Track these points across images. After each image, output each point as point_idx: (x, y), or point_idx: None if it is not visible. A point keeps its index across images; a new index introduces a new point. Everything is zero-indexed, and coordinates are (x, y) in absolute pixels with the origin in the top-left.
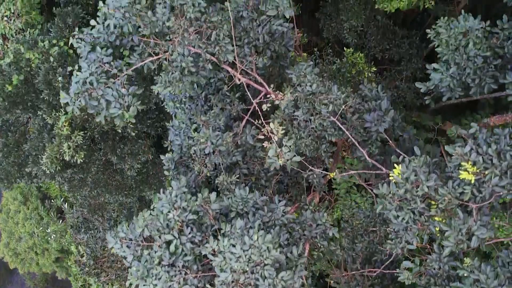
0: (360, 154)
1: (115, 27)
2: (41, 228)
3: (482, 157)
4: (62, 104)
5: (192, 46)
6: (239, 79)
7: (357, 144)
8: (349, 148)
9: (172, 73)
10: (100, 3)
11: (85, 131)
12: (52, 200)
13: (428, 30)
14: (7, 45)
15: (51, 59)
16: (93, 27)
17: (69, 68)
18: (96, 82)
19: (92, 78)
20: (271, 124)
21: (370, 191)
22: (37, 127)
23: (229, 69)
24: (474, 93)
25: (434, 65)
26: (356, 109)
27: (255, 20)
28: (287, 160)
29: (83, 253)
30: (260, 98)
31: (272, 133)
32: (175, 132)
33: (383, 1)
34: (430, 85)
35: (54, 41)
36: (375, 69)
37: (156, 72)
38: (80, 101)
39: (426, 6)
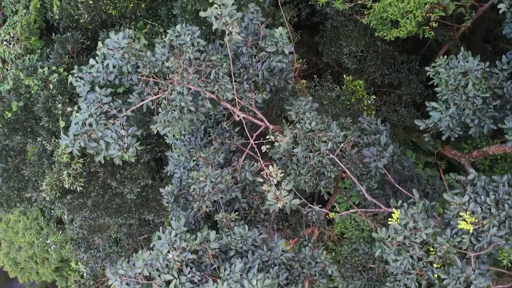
0: (359, 189)
1: (114, 67)
2: (41, 239)
3: (481, 207)
4: (62, 131)
5: (192, 84)
6: (238, 115)
7: (356, 181)
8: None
9: (171, 113)
10: (99, 44)
11: (85, 158)
12: (52, 211)
13: (427, 68)
14: (6, 69)
15: (51, 86)
16: (92, 66)
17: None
18: (95, 123)
19: (92, 119)
20: (270, 167)
21: (369, 222)
22: (37, 152)
23: (229, 106)
24: (474, 133)
25: (434, 104)
26: (355, 143)
27: (255, 56)
28: (286, 203)
29: (82, 273)
30: (259, 133)
31: (271, 176)
32: (174, 163)
33: (382, 29)
34: (429, 123)
35: (54, 68)
36: (375, 97)
37: (155, 110)
38: (79, 143)
39: (426, 36)
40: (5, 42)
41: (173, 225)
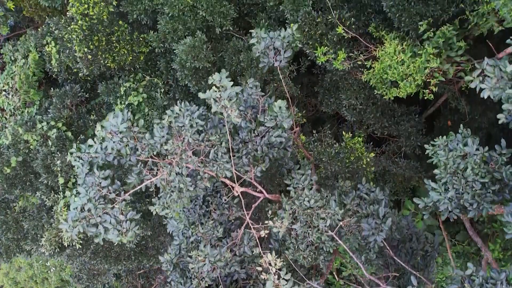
0: (358, 261)
1: (112, 148)
2: (41, 261)
3: None
4: (61, 187)
5: (191, 164)
6: (237, 191)
7: (354, 257)
8: None
9: (170, 195)
10: (98, 127)
11: None
12: None
13: (426, 146)
14: (5, 117)
15: (49, 142)
16: (91, 146)
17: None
18: (94, 208)
19: (90, 204)
20: (268, 255)
21: None
22: (36, 205)
23: (227, 182)
24: (473, 216)
25: (433, 184)
26: (354, 211)
27: (254, 130)
28: None
29: None
30: (258, 204)
31: (270, 264)
32: (173, 230)
33: (381, 88)
34: (428, 202)
35: (52, 123)
36: (373, 147)
37: (154, 191)
38: (78, 228)
39: (425, 98)
40: (4, 92)
41: None
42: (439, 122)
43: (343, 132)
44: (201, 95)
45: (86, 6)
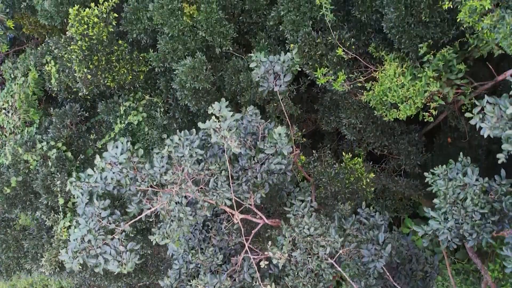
0: (357, 287)
1: (112, 179)
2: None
3: None
4: (60, 207)
5: (190, 193)
6: (237, 218)
7: (353, 284)
8: None
9: (170, 225)
10: (97, 158)
11: None
12: None
13: (426, 174)
14: (5, 135)
15: (49, 163)
16: (90, 175)
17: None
18: (94, 239)
19: (90, 236)
20: (268, 287)
21: None
22: (36, 224)
23: (227, 209)
24: (472, 245)
25: (432, 213)
26: (354, 236)
27: (253, 157)
28: None
29: None
30: (258, 229)
31: None
32: (173, 253)
33: (381, 109)
34: (428, 230)
35: (52, 143)
36: (374, 175)
37: (153, 220)
38: (78, 260)
39: (425, 120)
40: (3, 111)
41: None
42: (439, 139)
43: (343, 153)
44: (200, 125)
45: (85, 26)
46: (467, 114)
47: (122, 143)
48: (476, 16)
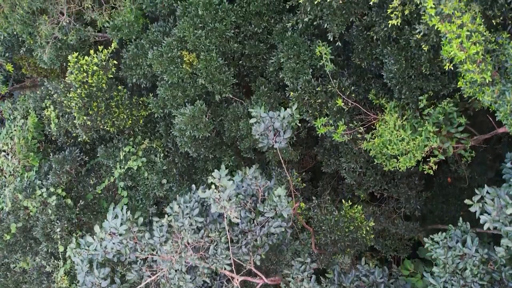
0: None
1: (112, 248)
2: None
3: None
4: (60, 255)
5: (190, 260)
6: (237, 281)
7: None
8: None
9: None
10: (96, 228)
11: None
12: None
13: (426, 239)
14: (4, 176)
15: (49, 211)
16: (90, 243)
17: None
18: None
19: None
20: None
21: None
22: (36, 267)
23: (227, 273)
24: None
25: (432, 280)
26: None
27: (253, 220)
28: None
29: None
30: None
31: None
32: None
33: (380, 158)
34: None
35: (52, 189)
36: (373, 224)
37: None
38: None
39: (425, 173)
40: (3, 153)
41: None
42: (439, 179)
43: (343, 201)
44: (200, 194)
45: (84, 74)
46: (467, 201)
47: (122, 213)
48: (476, 87)
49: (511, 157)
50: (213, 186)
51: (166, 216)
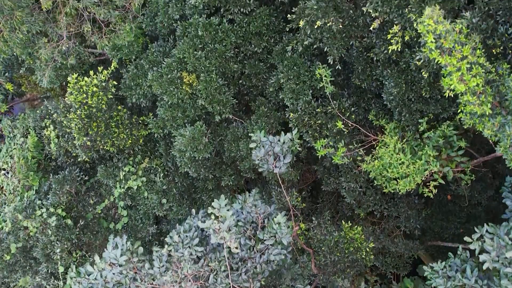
0: None
1: (112, 278)
2: None
3: None
4: (60, 275)
5: None
6: None
7: None
8: None
9: None
10: (96, 258)
11: None
12: None
13: (425, 267)
14: (5, 194)
15: (49, 231)
16: (90, 273)
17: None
18: None
19: None
20: None
21: None
22: (36, 286)
23: None
24: None
25: None
26: None
27: (253, 247)
28: None
29: None
30: None
31: None
32: None
33: (380, 180)
34: None
35: (52, 210)
36: (373, 245)
37: None
38: None
39: (425, 195)
40: (3, 171)
41: None
42: (438, 196)
43: (343, 222)
44: (200, 224)
45: (84, 95)
46: (466, 238)
47: (122, 243)
48: (476, 118)
49: (511, 181)
50: (212, 216)
51: (166, 245)
